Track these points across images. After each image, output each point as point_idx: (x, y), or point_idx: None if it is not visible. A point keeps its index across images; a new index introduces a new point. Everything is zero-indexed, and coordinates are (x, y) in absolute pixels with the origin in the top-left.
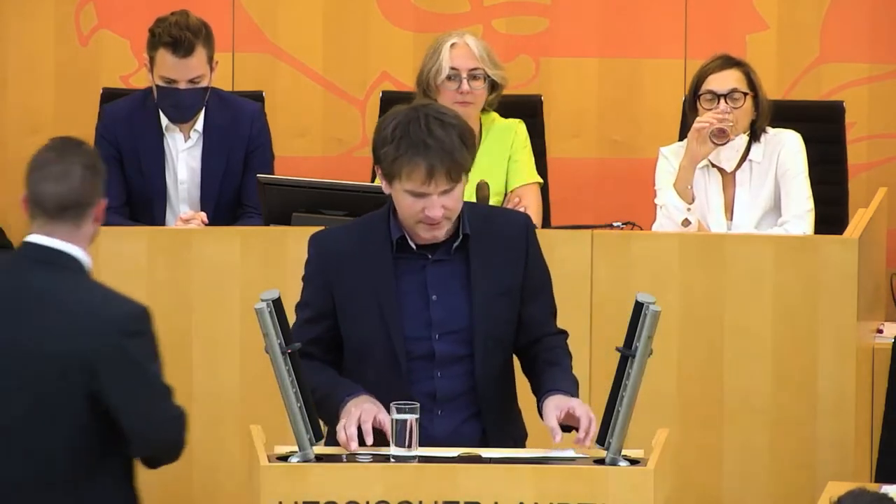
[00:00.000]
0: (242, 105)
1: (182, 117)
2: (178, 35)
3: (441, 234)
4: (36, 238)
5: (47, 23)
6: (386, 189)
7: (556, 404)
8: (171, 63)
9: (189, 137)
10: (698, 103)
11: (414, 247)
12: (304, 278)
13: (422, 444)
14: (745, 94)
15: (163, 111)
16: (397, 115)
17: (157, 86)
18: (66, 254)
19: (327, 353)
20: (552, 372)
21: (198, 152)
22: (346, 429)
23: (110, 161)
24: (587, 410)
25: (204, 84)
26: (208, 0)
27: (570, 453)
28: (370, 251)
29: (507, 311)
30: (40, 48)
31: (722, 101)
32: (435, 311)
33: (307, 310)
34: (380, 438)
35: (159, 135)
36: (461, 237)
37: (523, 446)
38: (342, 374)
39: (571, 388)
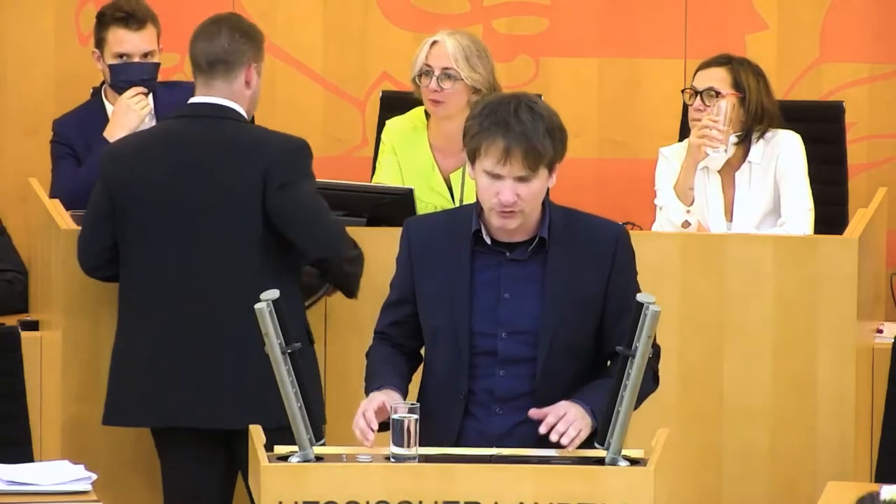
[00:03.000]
0: (188, 84)
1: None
2: (130, 10)
3: (512, 224)
4: (195, 99)
5: (47, 23)
6: (470, 173)
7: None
8: (125, 37)
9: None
10: (683, 96)
11: (489, 241)
12: (396, 261)
13: (475, 441)
14: (718, 93)
15: (118, 89)
16: (493, 97)
17: (111, 65)
18: (225, 106)
19: (407, 338)
20: (588, 386)
21: None
22: (356, 425)
23: (65, 156)
24: (563, 413)
25: (155, 59)
26: (208, 0)
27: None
28: (452, 241)
29: (582, 319)
30: (40, 48)
31: (698, 98)
32: (504, 309)
33: (393, 292)
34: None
35: (107, 125)
36: (538, 239)
37: None
38: (424, 360)
39: (586, 398)
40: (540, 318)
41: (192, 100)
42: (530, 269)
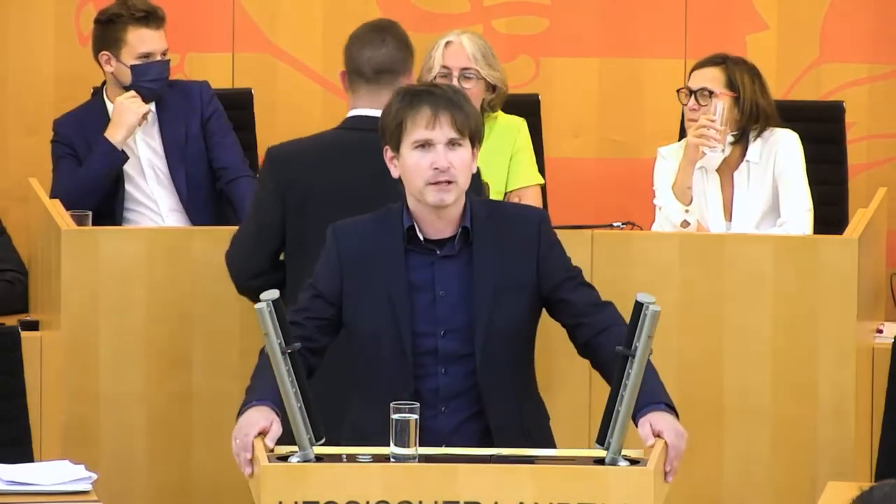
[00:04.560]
0: (189, 83)
1: (161, 88)
2: (150, 9)
3: (449, 197)
4: (359, 111)
5: (47, 23)
6: (395, 171)
7: (650, 422)
8: (148, 36)
9: (144, 119)
10: (678, 96)
11: (422, 238)
12: (318, 265)
13: (425, 440)
14: (712, 93)
15: (141, 91)
16: (404, 87)
17: (133, 66)
18: None
19: (321, 335)
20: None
21: (154, 130)
22: (239, 456)
23: (66, 156)
24: (677, 441)
25: (168, 57)
26: (208, 0)
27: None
28: (384, 243)
29: (514, 305)
30: (40, 48)
31: (692, 98)
32: (441, 307)
33: (314, 290)
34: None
35: (107, 125)
36: (462, 230)
37: (541, 436)
38: (353, 366)
39: (656, 395)
40: (474, 313)
41: (359, 112)
42: (462, 265)
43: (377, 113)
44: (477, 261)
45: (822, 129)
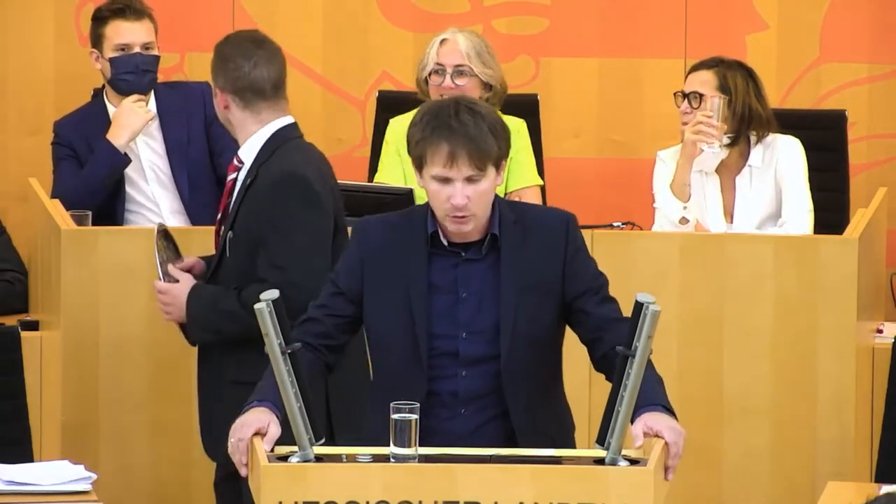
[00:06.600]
0: (190, 84)
1: (140, 82)
2: (127, 1)
3: (467, 228)
4: (281, 122)
5: (47, 23)
6: (419, 182)
7: (645, 422)
8: (124, 28)
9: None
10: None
11: (446, 242)
12: (341, 260)
13: (443, 442)
14: (702, 96)
15: (118, 84)
16: (432, 103)
17: (111, 58)
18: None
19: (339, 332)
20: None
21: (155, 130)
22: (235, 456)
23: (66, 157)
24: (675, 439)
25: (155, 52)
26: (208, 0)
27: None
28: (408, 244)
29: (540, 308)
30: (40, 48)
31: (685, 101)
32: (463, 309)
33: (335, 287)
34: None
35: (108, 127)
36: (490, 236)
37: (566, 444)
38: (369, 364)
39: (654, 397)
40: (498, 315)
41: (283, 123)
42: (486, 267)
43: (291, 119)
44: (504, 263)
45: (823, 136)
